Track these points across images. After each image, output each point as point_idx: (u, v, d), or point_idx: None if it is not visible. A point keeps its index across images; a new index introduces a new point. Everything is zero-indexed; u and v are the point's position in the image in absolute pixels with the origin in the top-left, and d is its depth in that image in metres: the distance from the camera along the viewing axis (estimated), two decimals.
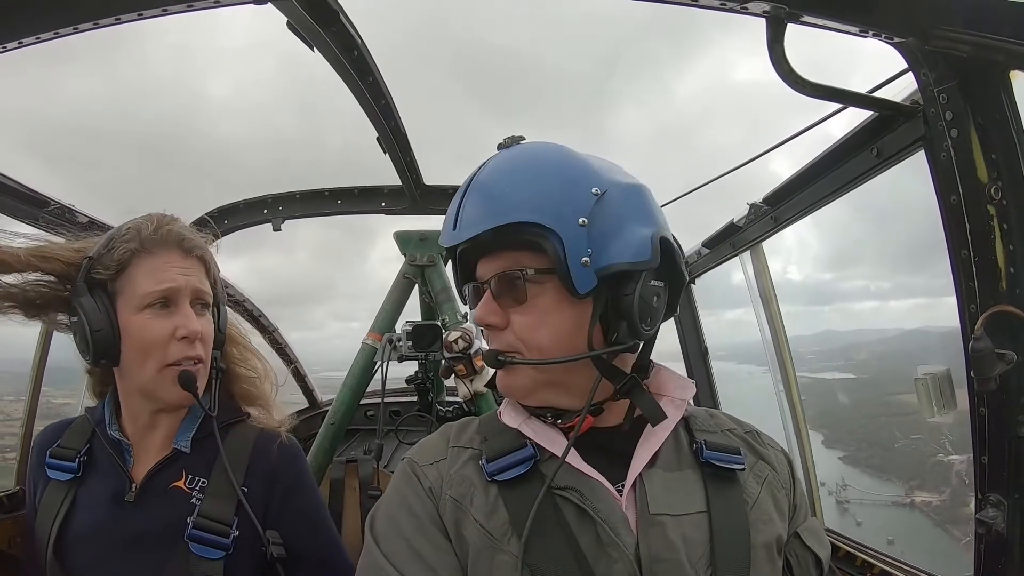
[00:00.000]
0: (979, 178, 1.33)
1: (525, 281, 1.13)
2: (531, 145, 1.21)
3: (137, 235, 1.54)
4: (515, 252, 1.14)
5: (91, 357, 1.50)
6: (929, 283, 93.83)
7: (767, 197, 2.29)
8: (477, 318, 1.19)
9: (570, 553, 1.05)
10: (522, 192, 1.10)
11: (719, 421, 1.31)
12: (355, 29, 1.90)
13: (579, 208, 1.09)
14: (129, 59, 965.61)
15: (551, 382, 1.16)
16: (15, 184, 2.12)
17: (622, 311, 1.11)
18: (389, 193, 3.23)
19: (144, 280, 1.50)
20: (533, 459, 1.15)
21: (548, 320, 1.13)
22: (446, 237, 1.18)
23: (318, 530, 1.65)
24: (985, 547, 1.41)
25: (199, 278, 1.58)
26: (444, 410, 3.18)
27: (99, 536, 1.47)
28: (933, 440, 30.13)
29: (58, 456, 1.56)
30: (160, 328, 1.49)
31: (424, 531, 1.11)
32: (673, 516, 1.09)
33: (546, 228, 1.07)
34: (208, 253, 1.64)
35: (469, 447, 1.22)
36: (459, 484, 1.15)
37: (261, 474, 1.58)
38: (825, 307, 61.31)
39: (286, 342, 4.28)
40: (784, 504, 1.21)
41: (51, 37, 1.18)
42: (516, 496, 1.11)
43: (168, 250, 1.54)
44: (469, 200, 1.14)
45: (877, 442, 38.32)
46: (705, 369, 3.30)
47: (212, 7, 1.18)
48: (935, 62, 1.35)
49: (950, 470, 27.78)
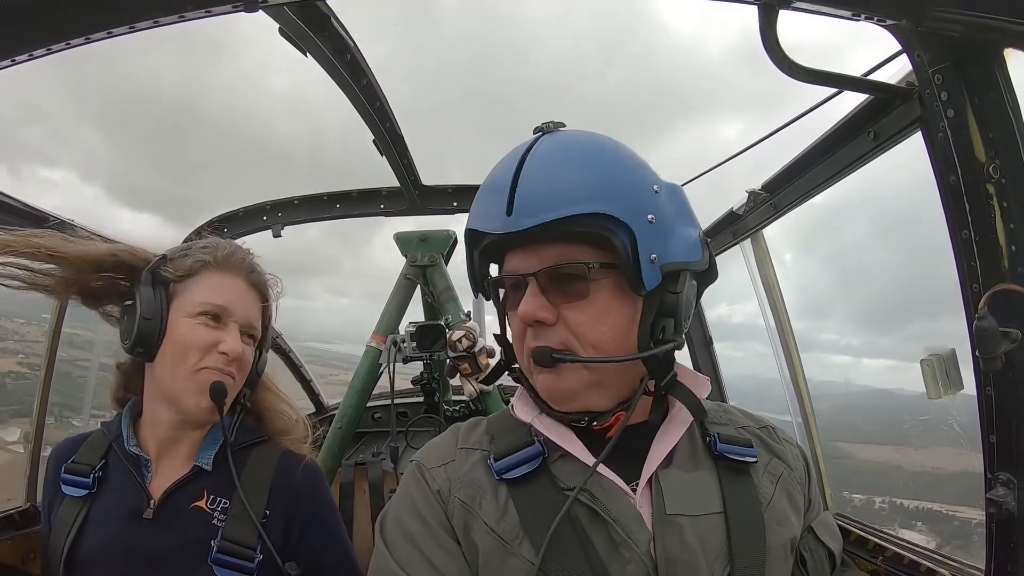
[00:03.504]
0: (977, 157, 1.32)
1: (588, 276, 1.08)
2: (584, 134, 1.14)
3: (214, 251, 1.61)
4: (567, 244, 1.08)
5: (131, 343, 1.52)
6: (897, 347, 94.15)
7: (766, 184, 2.28)
8: (526, 313, 1.09)
9: (582, 555, 1.03)
10: (592, 182, 1.05)
11: (732, 416, 1.30)
12: (347, 33, 1.90)
13: (646, 204, 1.08)
14: (206, 52, 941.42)
15: (598, 383, 1.12)
16: (14, 201, 2.13)
17: (669, 309, 1.10)
18: (388, 195, 3.23)
19: (205, 291, 1.55)
20: (541, 456, 1.13)
21: (606, 317, 1.09)
22: (496, 223, 1.08)
23: (339, 555, 1.65)
24: (996, 526, 1.40)
25: (254, 310, 1.63)
26: (451, 409, 3.18)
27: (114, 554, 1.47)
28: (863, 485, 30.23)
29: (73, 472, 1.56)
30: (204, 336, 1.52)
31: (433, 535, 1.10)
32: (691, 517, 1.07)
33: (618, 222, 1.04)
34: (269, 293, 1.69)
35: (478, 448, 1.21)
36: (468, 487, 1.14)
37: (284, 496, 1.58)
38: (802, 354, 62.75)
39: (291, 347, 4.28)
40: (799, 501, 1.20)
41: (44, 54, 1.18)
42: (526, 497, 1.10)
43: (236, 274, 1.61)
44: (527, 183, 1.06)
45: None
46: (711, 359, 3.30)
47: (203, 16, 1.18)
48: (929, 43, 1.34)
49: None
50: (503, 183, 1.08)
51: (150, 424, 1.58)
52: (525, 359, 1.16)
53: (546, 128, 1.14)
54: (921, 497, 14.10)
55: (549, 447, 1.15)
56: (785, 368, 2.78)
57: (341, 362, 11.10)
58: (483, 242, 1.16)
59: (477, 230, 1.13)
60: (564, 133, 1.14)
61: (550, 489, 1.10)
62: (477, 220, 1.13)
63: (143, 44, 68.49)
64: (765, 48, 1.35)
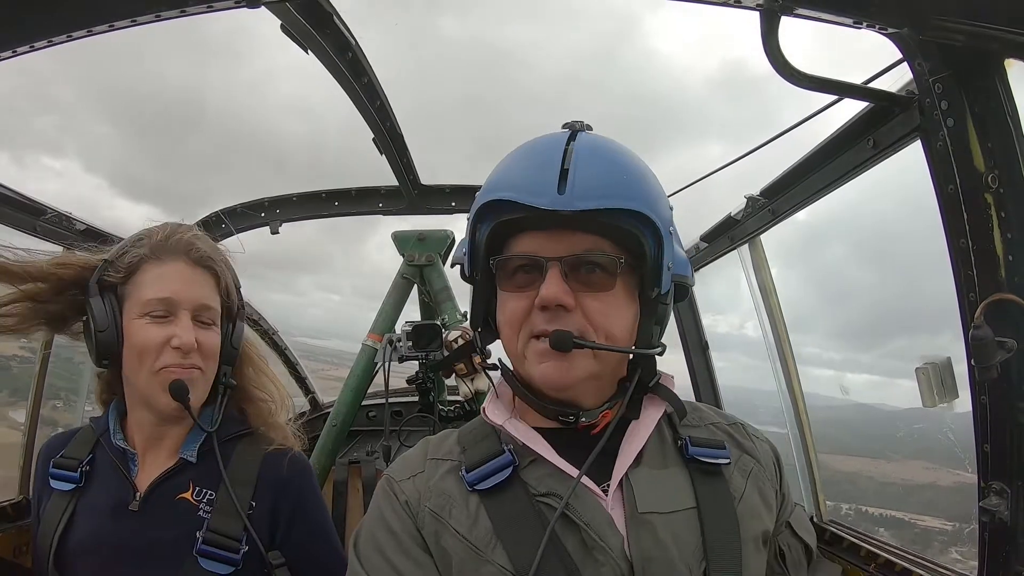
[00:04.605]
0: (976, 167, 1.33)
1: (618, 269, 1.11)
2: (616, 141, 1.18)
3: (148, 241, 1.55)
4: (597, 236, 1.10)
5: (94, 357, 1.51)
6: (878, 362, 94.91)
7: (764, 190, 2.29)
8: (549, 296, 1.07)
9: (557, 561, 1.03)
10: (637, 183, 1.11)
11: (703, 415, 1.30)
12: (349, 30, 1.90)
13: (667, 215, 1.16)
14: (214, 51, 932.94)
15: (599, 375, 1.14)
16: (12, 193, 2.12)
17: (659, 317, 1.18)
18: (386, 194, 3.24)
19: (148, 287, 1.51)
20: (512, 466, 1.14)
21: (620, 312, 1.13)
22: (545, 199, 1.05)
23: (325, 547, 1.65)
24: (989, 535, 1.41)
25: (205, 291, 1.56)
26: (446, 409, 3.18)
27: (100, 546, 1.47)
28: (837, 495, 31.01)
29: (61, 466, 1.56)
30: (155, 335, 1.48)
31: (403, 547, 1.11)
32: (662, 514, 1.08)
33: (651, 225, 1.10)
34: (221, 265, 1.60)
35: (448, 459, 1.21)
36: (437, 496, 1.14)
37: (270, 489, 1.58)
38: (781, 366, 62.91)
39: (287, 344, 4.27)
40: (771, 496, 1.21)
41: (45, 45, 1.18)
42: (498, 504, 1.11)
43: (175, 259, 1.54)
44: (584, 168, 1.06)
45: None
46: (706, 363, 3.30)
47: (205, 12, 1.17)
48: (930, 52, 1.34)
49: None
50: (548, 163, 1.07)
51: (135, 422, 1.58)
52: (521, 343, 1.15)
53: (578, 126, 1.16)
54: (886, 506, 14.57)
55: (519, 453, 1.16)
56: (780, 373, 2.77)
57: (331, 358, 11.20)
58: (502, 217, 1.13)
59: (509, 201, 1.09)
60: (598, 135, 1.17)
61: (521, 496, 1.11)
62: (511, 192, 1.09)
63: (155, 41, 68.04)
64: (766, 54, 1.35)
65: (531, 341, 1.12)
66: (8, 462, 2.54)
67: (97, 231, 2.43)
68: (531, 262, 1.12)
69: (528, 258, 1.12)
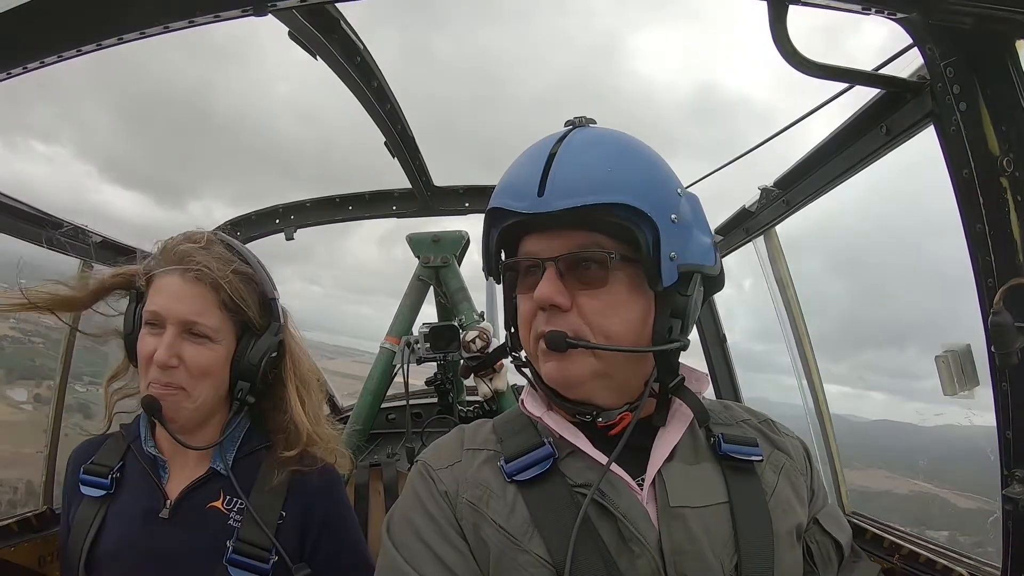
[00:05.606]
0: (990, 150, 1.31)
1: (609, 265, 1.09)
2: (616, 131, 1.17)
3: (160, 251, 1.58)
4: (590, 233, 1.10)
5: (129, 356, 1.58)
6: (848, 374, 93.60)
7: (778, 180, 2.27)
8: (543, 296, 1.09)
9: (593, 550, 1.04)
10: (625, 174, 1.08)
11: (734, 413, 1.31)
12: (357, 35, 1.91)
13: (670, 203, 1.11)
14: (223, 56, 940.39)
15: (605, 374, 1.13)
16: (28, 207, 2.15)
17: (678, 310, 1.13)
18: (400, 196, 3.25)
19: (150, 298, 1.53)
20: (552, 457, 1.14)
21: (620, 308, 1.11)
22: (525, 203, 1.08)
23: (355, 558, 1.65)
24: (1013, 524, 1.38)
25: (195, 305, 1.49)
26: (465, 410, 3.18)
27: (130, 552, 1.48)
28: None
29: (91, 472, 1.58)
30: (147, 347, 1.49)
31: (443, 533, 1.11)
32: (694, 508, 1.08)
33: (644, 216, 1.06)
34: (223, 278, 1.51)
35: (484, 449, 1.21)
36: (475, 487, 1.14)
37: (300, 499, 1.58)
38: (759, 375, 61.67)
39: None
40: (803, 490, 1.21)
41: (55, 61, 1.20)
42: (536, 495, 1.11)
43: (170, 271, 1.51)
44: (562, 168, 1.07)
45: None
46: (724, 358, 3.28)
47: (212, 22, 1.19)
48: (940, 36, 1.33)
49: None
50: (535, 165, 1.09)
51: (160, 429, 1.59)
52: (532, 343, 1.16)
53: (578, 122, 1.17)
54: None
55: (558, 445, 1.16)
56: (798, 359, 2.75)
57: (316, 350, 11.34)
58: (505, 222, 1.15)
59: (502, 208, 1.13)
60: (596, 128, 1.17)
61: (561, 487, 1.11)
62: (503, 198, 1.13)
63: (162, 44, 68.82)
64: (775, 43, 1.34)
65: (539, 341, 1.13)
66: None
67: (113, 243, 2.46)
68: (534, 263, 1.13)
69: (530, 260, 1.14)
